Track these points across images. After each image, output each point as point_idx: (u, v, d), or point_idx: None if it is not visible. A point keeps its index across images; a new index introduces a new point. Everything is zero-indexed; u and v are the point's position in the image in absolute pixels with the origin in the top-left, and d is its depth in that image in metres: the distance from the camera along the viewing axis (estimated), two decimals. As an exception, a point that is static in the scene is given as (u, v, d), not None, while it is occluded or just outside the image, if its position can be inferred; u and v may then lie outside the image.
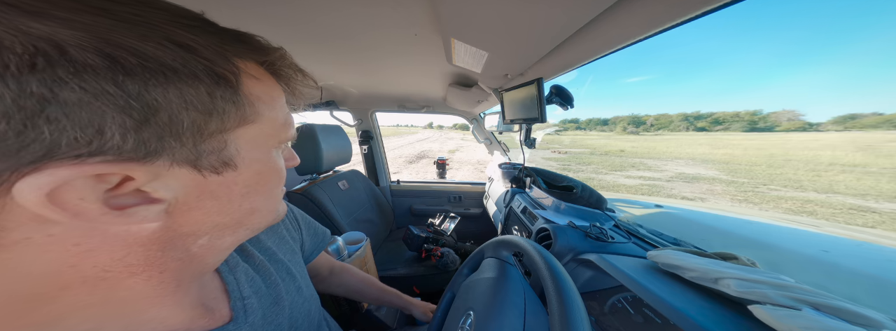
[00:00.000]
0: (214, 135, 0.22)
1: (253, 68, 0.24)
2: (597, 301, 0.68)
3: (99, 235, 0.20)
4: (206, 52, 0.20)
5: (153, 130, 0.18)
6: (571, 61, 0.71)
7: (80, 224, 0.19)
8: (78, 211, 0.18)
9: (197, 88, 0.20)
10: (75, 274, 0.20)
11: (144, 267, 0.23)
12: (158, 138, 0.19)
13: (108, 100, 0.16)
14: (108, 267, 0.21)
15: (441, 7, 0.51)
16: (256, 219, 0.29)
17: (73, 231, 0.19)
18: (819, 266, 0.77)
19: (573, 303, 0.37)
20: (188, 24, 0.21)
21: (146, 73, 0.18)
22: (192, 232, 0.25)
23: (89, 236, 0.20)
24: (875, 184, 40.08)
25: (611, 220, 1.03)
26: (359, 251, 1.10)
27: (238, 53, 0.23)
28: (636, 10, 0.44)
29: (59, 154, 0.16)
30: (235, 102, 0.22)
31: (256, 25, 0.68)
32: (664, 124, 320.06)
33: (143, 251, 0.22)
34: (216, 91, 0.21)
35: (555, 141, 70.73)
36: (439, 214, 1.98)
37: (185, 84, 0.19)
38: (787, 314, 0.39)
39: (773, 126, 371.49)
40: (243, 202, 0.27)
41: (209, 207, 0.24)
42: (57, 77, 0.15)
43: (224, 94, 0.21)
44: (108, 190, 0.19)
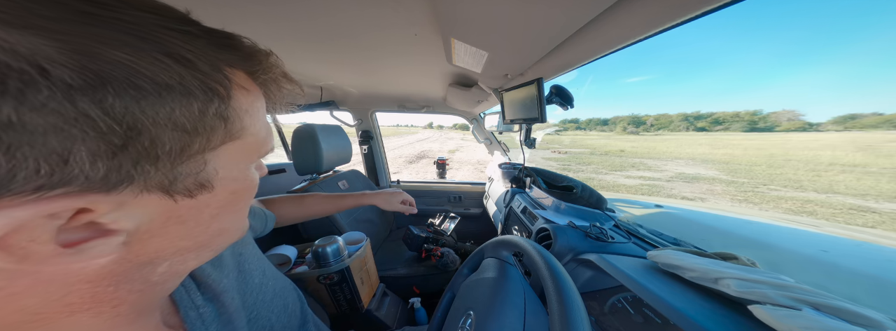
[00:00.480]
0: (195, 155, 0.19)
1: (241, 77, 0.22)
2: (597, 301, 0.68)
3: (29, 276, 0.16)
4: (202, 65, 0.18)
5: (129, 156, 0.15)
6: (571, 61, 0.71)
7: (14, 267, 0.15)
8: (24, 255, 0.15)
9: (189, 105, 0.17)
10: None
11: (91, 304, 0.19)
12: (133, 164, 0.16)
13: (87, 124, 0.14)
14: (38, 310, 0.17)
15: (441, 7, 0.51)
16: (223, 239, 0.27)
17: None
18: (819, 266, 0.77)
19: (573, 303, 0.37)
20: (181, 29, 0.18)
21: (137, 91, 0.15)
22: (151, 261, 0.22)
23: (13, 279, 0.15)
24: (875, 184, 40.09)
25: (611, 220, 1.03)
26: (359, 251, 1.10)
27: (229, 62, 0.20)
28: (636, 10, 0.44)
29: (13, 189, 0.13)
30: (225, 118, 0.20)
31: (256, 24, 0.68)
32: (664, 124, 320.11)
33: (89, 288, 0.19)
34: (208, 107, 0.18)
35: (555, 141, 70.73)
36: (439, 214, 1.98)
37: (177, 102, 0.17)
38: (787, 314, 0.39)
39: (773, 126, 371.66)
40: (212, 224, 0.24)
41: (174, 233, 0.21)
42: (28, 100, 0.12)
43: (216, 109, 0.19)
44: (60, 226, 0.15)
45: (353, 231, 1.24)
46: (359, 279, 1.10)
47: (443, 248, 1.67)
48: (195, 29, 0.19)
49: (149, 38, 0.16)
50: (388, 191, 0.86)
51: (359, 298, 1.06)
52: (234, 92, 0.20)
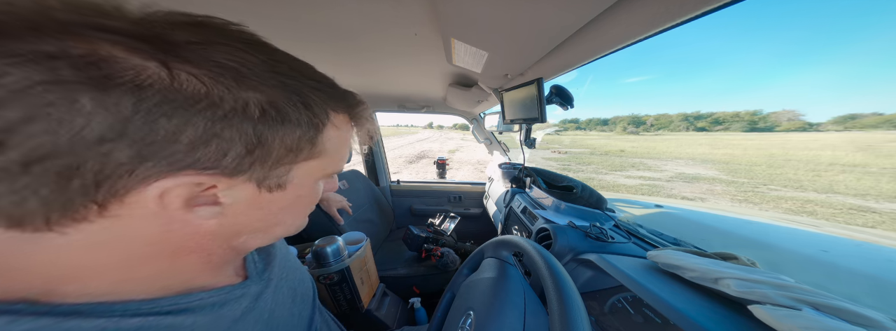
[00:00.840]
0: (285, 164, 0.28)
1: (339, 118, 0.32)
2: (597, 301, 0.68)
3: (178, 223, 0.26)
4: (317, 109, 0.27)
5: (252, 157, 0.24)
6: (571, 61, 0.71)
7: (167, 213, 0.24)
8: (173, 206, 0.24)
9: (295, 132, 0.26)
10: (159, 247, 0.27)
11: (198, 251, 0.30)
12: (251, 163, 0.25)
13: (243, 138, 0.23)
14: (178, 246, 0.28)
15: (441, 7, 0.51)
16: (281, 230, 0.35)
17: (162, 218, 0.24)
18: (819, 266, 0.77)
19: (573, 303, 0.37)
20: (318, 87, 0.28)
21: (275, 123, 0.24)
22: (235, 233, 0.31)
23: (170, 223, 0.25)
24: (875, 184, 40.08)
25: (611, 220, 1.03)
26: (359, 251, 1.10)
27: (336, 108, 0.31)
28: (636, 10, 0.44)
29: (195, 166, 0.22)
30: (313, 143, 0.29)
31: (255, 24, 0.68)
32: (664, 124, 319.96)
33: (198, 239, 0.28)
34: (306, 135, 0.27)
35: (555, 141, 70.72)
36: (439, 214, 1.98)
37: (291, 129, 0.26)
38: (787, 314, 0.39)
39: (773, 126, 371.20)
40: (277, 215, 0.33)
41: (252, 216, 0.30)
42: (234, 123, 0.22)
43: (310, 137, 0.28)
44: (198, 192, 0.25)
45: (353, 231, 1.24)
46: (359, 279, 1.10)
47: (443, 248, 1.67)
48: (327, 87, 0.30)
49: (301, 94, 0.26)
50: (335, 197, 1.15)
51: (359, 298, 1.06)
52: (326, 128, 0.29)
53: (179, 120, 0.20)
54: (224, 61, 0.22)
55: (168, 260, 0.28)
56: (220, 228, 0.29)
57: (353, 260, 1.02)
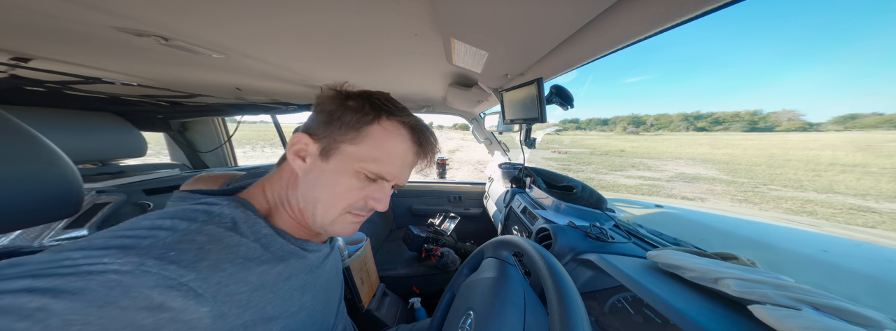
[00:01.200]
0: (339, 139, 0.42)
1: (388, 123, 0.44)
2: (597, 301, 0.68)
3: (288, 165, 0.45)
4: (373, 108, 0.43)
5: (331, 126, 0.42)
6: (571, 61, 0.71)
7: (295, 161, 0.44)
8: (296, 155, 0.44)
9: (353, 117, 0.42)
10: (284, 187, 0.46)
11: (285, 208, 0.46)
12: (328, 129, 0.42)
13: (343, 119, 0.42)
14: (283, 188, 0.46)
15: (441, 7, 0.51)
16: (320, 209, 0.44)
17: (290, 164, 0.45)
18: (819, 266, 0.77)
19: (573, 303, 0.37)
20: (389, 107, 0.45)
21: (345, 108, 0.43)
22: (295, 189, 0.44)
23: (288, 167, 0.45)
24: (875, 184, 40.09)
25: (611, 220, 1.03)
26: (359, 251, 1.10)
27: (390, 113, 0.44)
28: (636, 10, 0.44)
29: (316, 133, 0.43)
30: (358, 130, 0.42)
31: (255, 24, 0.68)
32: (664, 124, 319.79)
33: (287, 181, 0.45)
34: (362, 121, 0.42)
35: (555, 141, 70.70)
36: (439, 214, 1.98)
37: (352, 115, 0.42)
38: (787, 314, 0.39)
39: (773, 126, 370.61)
40: (315, 188, 0.43)
41: (307, 179, 0.43)
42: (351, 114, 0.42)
43: (361, 125, 0.42)
44: (302, 146, 0.44)
45: (353, 231, 1.24)
46: (359, 279, 1.10)
47: (443, 248, 1.67)
48: (390, 104, 0.45)
49: (369, 98, 0.44)
50: None
51: (359, 298, 1.06)
52: (373, 125, 0.43)
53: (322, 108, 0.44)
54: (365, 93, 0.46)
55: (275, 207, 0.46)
56: (300, 179, 0.44)
57: (353, 260, 1.02)
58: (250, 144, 29.38)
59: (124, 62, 0.96)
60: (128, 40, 0.73)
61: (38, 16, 0.59)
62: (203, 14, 0.62)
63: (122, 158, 1.44)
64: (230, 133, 2.18)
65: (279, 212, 0.45)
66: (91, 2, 0.54)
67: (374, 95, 0.44)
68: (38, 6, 0.55)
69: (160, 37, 0.71)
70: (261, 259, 0.39)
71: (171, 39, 0.73)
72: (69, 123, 1.17)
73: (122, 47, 0.79)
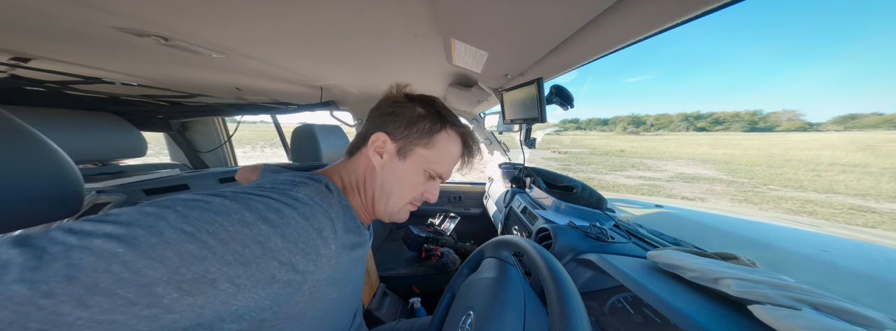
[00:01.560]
0: (413, 142, 0.49)
1: (451, 132, 0.52)
2: (597, 301, 0.68)
3: (365, 158, 0.50)
4: (441, 120, 0.51)
5: (409, 132, 0.49)
6: (571, 61, 0.71)
7: (372, 156, 0.49)
8: (375, 150, 0.49)
9: (427, 126, 0.50)
10: (359, 178, 0.51)
11: (360, 187, 0.51)
12: (407, 134, 0.49)
13: (417, 126, 0.49)
14: (359, 176, 0.51)
15: (441, 7, 0.51)
16: (392, 201, 0.51)
17: (368, 157, 0.50)
18: (819, 266, 0.77)
19: (573, 303, 0.37)
20: (451, 118, 0.53)
21: (423, 118, 0.50)
22: (373, 180, 0.50)
23: (365, 159, 0.50)
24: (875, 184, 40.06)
25: (611, 220, 1.03)
26: (359, 251, 1.10)
27: (452, 124, 0.52)
28: (636, 10, 0.44)
29: (394, 134, 0.49)
30: (430, 137, 0.50)
31: (255, 24, 0.68)
32: (664, 124, 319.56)
33: (363, 171, 0.51)
34: (433, 129, 0.50)
35: (555, 141, 70.66)
36: (439, 214, 1.98)
37: (427, 124, 0.50)
38: (787, 314, 0.39)
39: (773, 126, 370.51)
40: (391, 181, 0.50)
41: (384, 173, 0.50)
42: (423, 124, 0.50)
43: (433, 133, 0.50)
44: (381, 143, 0.49)
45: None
46: (359, 279, 1.09)
47: (443, 248, 1.67)
48: (450, 114, 0.53)
49: (437, 108, 0.52)
50: None
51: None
52: (440, 133, 0.51)
53: (400, 114, 0.50)
54: (433, 103, 0.53)
55: (356, 187, 0.51)
56: (377, 172, 0.50)
57: (353, 260, 1.02)
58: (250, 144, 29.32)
59: (124, 62, 0.96)
60: (128, 40, 0.73)
61: (38, 16, 0.59)
62: (203, 14, 0.62)
63: (122, 158, 1.43)
64: (230, 133, 2.18)
65: (352, 195, 0.51)
66: (91, 2, 0.54)
67: (436, 103, 0.52)
68: (39, 6, 0.55)
69: (160, 37, 0.71)
70: (346, 228, 0.44)
71: (171, 39, 0.73)
72: (69, 123, 1.17)
73: (122, 47, 0.79)
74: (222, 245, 0.28)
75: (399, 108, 0.50)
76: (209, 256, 0.27)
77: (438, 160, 0.51)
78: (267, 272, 0.31)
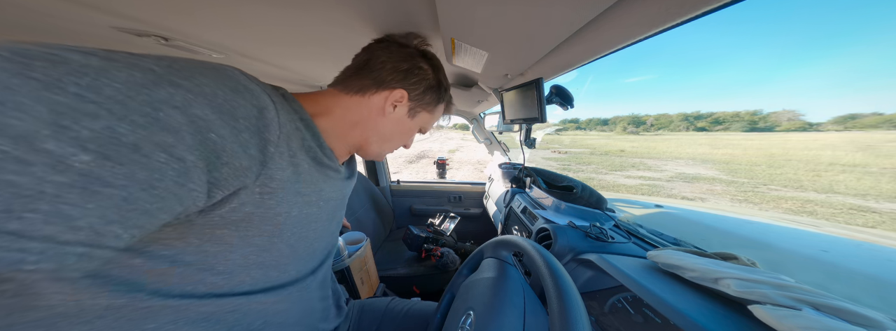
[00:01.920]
0: (421, 104, 0.56)
1: (444, 104, 0.62)
2: (597, 301, 0.68)
3: (376, 104, 0.52)
4: (444, 92, 0.60)
5: (426, 93, 0.55)
6: (571, 61, 0.71)
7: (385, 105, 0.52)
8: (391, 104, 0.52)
9: (437, 95, 0.58)
10: (360, 118, 0.52)
11: (363, 128, 0.53)
12: (419, 97, 0.55)
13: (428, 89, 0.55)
14: (363, 117, 0.52)
15: (441, 7, 0.51)
16: (386, 146, 0.58)
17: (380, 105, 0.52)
18: (819, 266, 0.77)
19: (573, 303, 0.37)
20: (449, 94, 0.63)
21: (436, 89, 0.57)
22: (375, 125, 0.53)
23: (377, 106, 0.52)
24: (875, 184, 40.05)
25: (611, 220, 1.03)
26: (359, 251, 1.10)
27: (448, 101, 0.64)
28: (636, 10, 0.44)
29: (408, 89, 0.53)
30: (435, 106, 0.59)
31: (255, 24, 0.68)
32: (664, 124, 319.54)
33: (368, 113, 0.52)
34: (438, 99, 0.59)
35: (555, 141, 70.68)
36: (439, 214, 1.98)
37: (437, 94, 0.58)
38: (787, 314, 0.39)
39: (774, 126, 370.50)
40: (394, 132, 0.56)
41: (389, 122, 0.54)
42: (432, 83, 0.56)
43: (436, 100, 0.58)
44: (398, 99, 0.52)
45: (353, 231, 1.24)
46: (359, 279, 1.10)
47: (443, 248, 1.67)
48: (449, 89, 0.63)
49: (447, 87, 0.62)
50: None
51: (358, 297, 1.06)
52: (440, 104, 0.60)
53: (419, 76, 0.53)
54: (438, 66, 0.58)
55: (354, 128, 0.52)
56: (384, 120, 0.52)
57: (353, 260, 1.03)
58: (250, 144, 29.18)
59: (124, 62, 0.96)
60: (128, 40, 0.73)
61: (37, 15, 0.59)
62: (203, 14, 0.62)
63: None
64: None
65: (342, 128, 0.50)
66: (91, 2, 0.54)
67: (442, 71, 0.59)
68: (38, 6, 0.55)
69: (160, 37, 0.71)
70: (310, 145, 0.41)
71: (171, 39, 0.73)
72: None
73: (122, 47, 0.79)
74: (114, 104, 0.22)
75: (417, 69, 0.53)
76: (102, 113, 0.21)
77: (431, 122, 0.62)
78: (208, 148, 0.26)
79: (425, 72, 0.54)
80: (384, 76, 0.50)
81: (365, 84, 0.50)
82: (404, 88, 0.52)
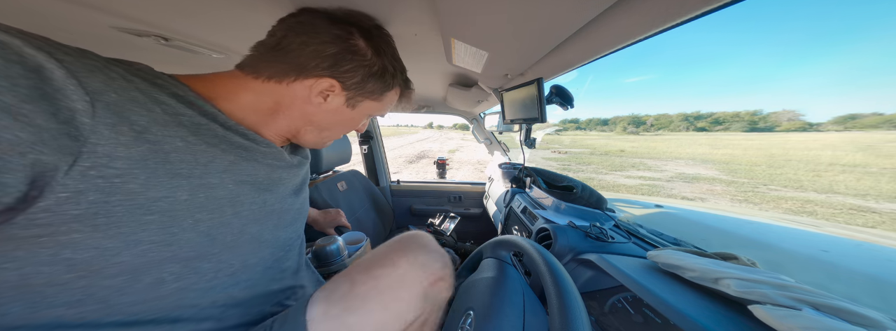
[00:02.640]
0: (363, 97, 0.50)
1: (397, 91, 0.56)
2: (597, 301, 0.68)
3: (298, 94, 0.45)
4: (394, 80, 0.53)
5: (361, 85, 0.48)
6: (571, 61, 0.71)
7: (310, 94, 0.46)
8: (314, 90, 0.45)
9: (381, 83, 0.50)
10: (279, 106, 0.46)
11: (289, 117, 0.48)
12: (357, 87, 0.48)
13: (365, 76, 0.47)
14: (288, 110, 0.46)
15: (441, 7, 0.51)
16: (325, 136, 0.54)
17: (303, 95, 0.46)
18: (819, 266, 0.77)
19: (573, 303, 0.37)
20: (401, 74, 0.55)
21: (379, 76, 0.49)
22: (305, 115, 0.48)
23: (307, 98, 0.46)
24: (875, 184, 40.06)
25: (611, 220, 1.03)
26: (359, 251, 1.10)
27: (400, 86, 0.56)
28: (636, 10, 0.44)
29: (338, 77, 0.45)
30: (382, 93, 0.53)
31: (255, 23, 0.68)
32: (664, 124, 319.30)
33: (301, 111, 0.47)
34: (384, 87, 0.52)
35: (555, 141, 70.69)
36: (439, 214, 1.98)
37: (381, 82, 0.50)
38: (787, 314, 0.39)
39: (773, 126, 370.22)
40: (332, 124, 0.52)
41: (323, 114, 0.49)
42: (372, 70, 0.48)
43: (383, 88, 0.52)
44: (325, 89, 0.46)
45: (353, 231, 1.24)
46: (359, 279, 1.09)
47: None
48: (404, 76, 0.57)
49: (395, 72, 0.53)
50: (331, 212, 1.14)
51: (359, 298, 1.06)
52: (391, 90, 0.54)
53: (355, 63, 0.45)
54: (385, 49, 0.49)
55: (281, 116, 0.47)
56: (315, 110, 0.47)
57: (353, 260, 1.02)
58: (250, 144, 29.15)
59: (124, 62, 0.96)
60: (128, 40, 0.73)
61: (37, 16, 0.59)
62: (203, 14, 0.62)
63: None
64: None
65: (258, 114, 0.44)
66: (91, 2, 0.54)
67: (389, 49, 0.51)
68: (38, 6, 0.55)
69: (160, 37, 0.71)
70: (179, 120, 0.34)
71: (171, 39, 0.73)
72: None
73: (122, 47, 0.79)
74: None
75: (349, 53, 0.43)
76: None
77: (383, 110, 0.56)
78: None
79: (362, 57, 0.45)
80: (304, 61, 0.42)
81: (280, 69, 0.42)
82: (333, 77, 0.44)
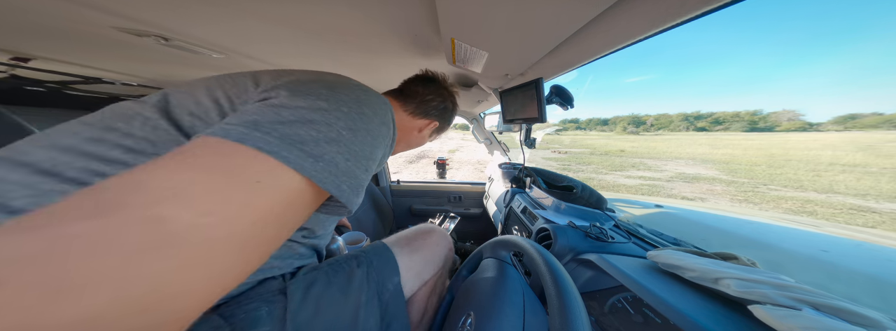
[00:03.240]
0: (437, 134, 0.83)
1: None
2: (597, 301, 0.68)
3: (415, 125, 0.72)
4: (452, 120, 0.83)
5: (441, 129, 0.80)
6: (571, 61, 0.71)
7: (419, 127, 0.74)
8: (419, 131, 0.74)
9: (447, 119, 0.79)
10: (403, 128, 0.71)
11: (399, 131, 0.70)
12: (440, 130, 0.80)
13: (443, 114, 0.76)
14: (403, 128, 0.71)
15: (441, 7, 0.51)
16: (401, 148, 0.76)
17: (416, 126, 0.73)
18: (819, 266, 0.77)
19: (573, 303, 0.37)
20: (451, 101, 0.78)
21: (449, 115, 0.78)
22: (408, 136, 0.73)
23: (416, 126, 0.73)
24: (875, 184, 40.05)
25: (611, 220, 1.03)
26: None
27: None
28: (636, 10, 0.44)
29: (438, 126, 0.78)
30: (443, 125, 0.79)
31: (253, 24, 0.68)
32: (664, 124, 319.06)
33: (408, 128, 0.71)
34: (446, 122, 0.79)
35: (555, 141, 70.66)
36: (439, 214, 1.98)
37: (448, 117, 0.78)
38: (787, 314, 0.39)
39: (773, 126, 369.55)
40: (415, 144, 0.77)
41: (415, 139, 0.75)
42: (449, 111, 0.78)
43: (446, 123, 0.80)
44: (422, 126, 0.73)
45: (353, 231, 1.23)
46: (359, 279, 1.09)
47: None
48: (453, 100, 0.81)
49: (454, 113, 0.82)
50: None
51: (359, 298, 1.06)
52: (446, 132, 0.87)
53: (450, 114, 0.78)
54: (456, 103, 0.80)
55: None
56: (415, 135, 0.73)
57: (353, 260, 1.02)
58: (250, 144, 29.12)
59: (124, 62, 0.96)
60: (128, 40, 0.73)
61: (38, 16, 0.59)
62: (203, 14, 0.62)
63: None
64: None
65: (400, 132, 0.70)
66: (91, 2, 0.54)
67: (456, 111, 0.80)
68: (39, 6, 0.55)
69: (160, 37, 0.71)
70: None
71: (171, 39, 0.73)
72: (69, 123, 1.17)
73: (122, 47, 0.79)
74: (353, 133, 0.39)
75: (448, 110, 0.75)
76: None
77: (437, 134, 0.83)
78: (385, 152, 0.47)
79: (451, 111, 0.77)
80: (429, 111, 0.71)
81: (415, 110, 0.70)
82: (436, 120, 0.74)
